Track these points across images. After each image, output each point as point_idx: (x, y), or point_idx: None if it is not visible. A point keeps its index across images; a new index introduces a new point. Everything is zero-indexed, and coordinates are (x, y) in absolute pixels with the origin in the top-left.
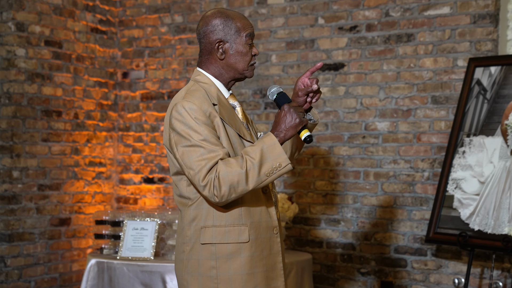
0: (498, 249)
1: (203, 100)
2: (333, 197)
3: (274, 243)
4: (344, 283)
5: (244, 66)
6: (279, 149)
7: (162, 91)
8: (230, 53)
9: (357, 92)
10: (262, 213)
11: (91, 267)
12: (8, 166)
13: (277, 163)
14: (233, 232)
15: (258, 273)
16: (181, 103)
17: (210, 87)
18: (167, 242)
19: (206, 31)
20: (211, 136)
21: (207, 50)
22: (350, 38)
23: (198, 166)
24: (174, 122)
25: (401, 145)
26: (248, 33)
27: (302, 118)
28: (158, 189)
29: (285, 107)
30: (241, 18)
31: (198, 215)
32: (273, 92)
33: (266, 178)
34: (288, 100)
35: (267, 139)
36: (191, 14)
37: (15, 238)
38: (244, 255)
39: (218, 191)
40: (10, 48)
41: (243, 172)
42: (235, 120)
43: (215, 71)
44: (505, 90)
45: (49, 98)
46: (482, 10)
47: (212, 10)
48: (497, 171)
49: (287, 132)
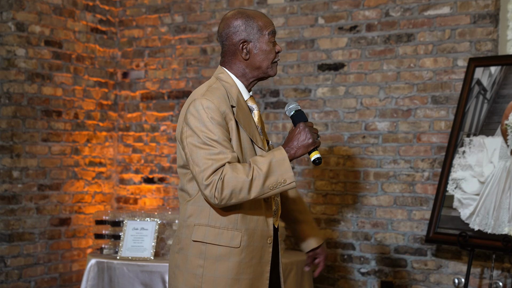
0: (498, 249)
1: (222, 100)
2: (333, 197)
3: (265, 252)
4: (344, 283)
5: (268, 64)
6: (287, 165)
7: (162, 91)
8: (254, 52)
9: (357, 92)
10: (259, 221)
11: (91, 267)
12: (8, 166)
13: (283, 179)
14: (225, 235)
15: (243, 279)
16: (200, 100)
17: (231, 87)
18: (167, 242)
19: (228, 33)
20: (223, 138)
21: (230, 51)
22: (350, 38)
23: (204, 164)
24: (189, 118)
25: (401, 145)
26: (271, 31)
27: (316, 140)
28: (158, 189)
29: (300, 125)
30: (262, 17)
31: (194, 211)
32: (291, 109)
33: (269, 191)
34: (305, 118)
35: (277, 152)
36: (191, 14)
37: (15, 238)
38: (232, 259)
39: (219, 193)
40: (10, 48)
41: (248, 180)
42: (250, 125)
43: (238, 71)
44: (505, 90)
45: (49, 98)
46: (482, 10)
47: (232, 11)
48: (497, 171)
49: (298, 150)
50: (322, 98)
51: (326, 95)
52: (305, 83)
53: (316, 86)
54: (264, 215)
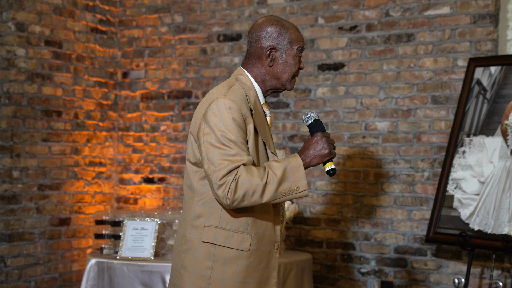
0: (498, 249)
1: (243, 102)
2: (333, 197)
3: (272, 258)
4: (344, 283)
5: (288, 77)
6: (302, 173)
7: (162, 91)
8: (279, 62)
9: (357, 92)
10: (268, 226)
11: (91, 267)
12: (8, 166)
13: (296, 186)
14: (236, 238)
15: (250, 283)
16: (223, 99)
17: (250, 90)
18: (167, 242)
19: (259, 36)
20: (241, 140)
21: (256, 54)
22: (350, 38)
23: (220, 164)
24: (209, 115)
25: (401, 145)
26: (300, 47)
27: (332, 151)
28: (158, 189)
29: (318, 135)
30: (295, 30)
31: (204, 212)
32: (309, 117)
33: (282, 197)
34: (323, 129)
35: (293, 159)
36: (191, 14)
37: (15, 238)
38: (241, 263)
39: (232, 194)
40: (10, 48)
41: (262, 184)
42: (265, 129)
43: (258, 76)
44: (505, 90)
45: (49, 98)
46: (482, 10)
47: (269, 17)
48: (497, 171)
49: (313, 159)
50: (322, 98)
51: (326, 95)
52: (305, 83)
53: (316, 86)
54: (272, 221)
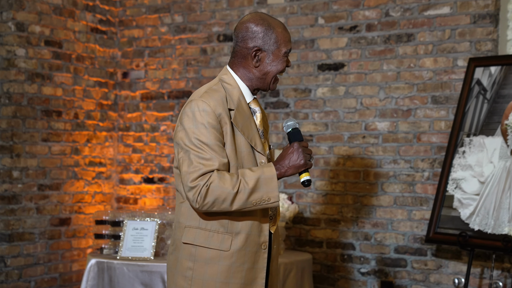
0: (498, 249)
1: (219, 103)
2: (333, 197)
3: (260, 258)
4: (344, 283)
5: (273, 78)
6: (275, 184)
7: (162, 91)
8: (265, 63)
9: (357, 92)
10: (253, 226)
11: (91, 267)
12: (8, 166)
13: (267, 197)
14: (216, 238)
15: (233, 284)
16: (196, 101)
17: (233, 89)
18: (167, 242)
19: (245, 36)
20: (215, 142)
21: (242, 54)
22: (350, 38)
23: (192, 167)
24: (184, 118)
25: (401, 145)
26: (288, 49)
27: (308, 161)
28: (158, 189)
29: (294, 145)
30: (282, 30)
31: (185, 213)
32: (288, 125)
33: (252, 206)
34: (301, 138)
35: (267, 170)
36: (191, 14)
37: (15, 238)
38: (222, 263)
39: (202, 199)
40: (10, 48)
41: (233, 193)
42: (249, 128)
43: (244, 75)
44: (505, 90)
45: (49, 98)
46: (482, 10)
47: (254, 15)
48: (497, 171)
49: (288, 170)
50: (322, 98)
51: (326, 95)
52: (305, 83)
53: (316, 86)
54: (259, 220)
